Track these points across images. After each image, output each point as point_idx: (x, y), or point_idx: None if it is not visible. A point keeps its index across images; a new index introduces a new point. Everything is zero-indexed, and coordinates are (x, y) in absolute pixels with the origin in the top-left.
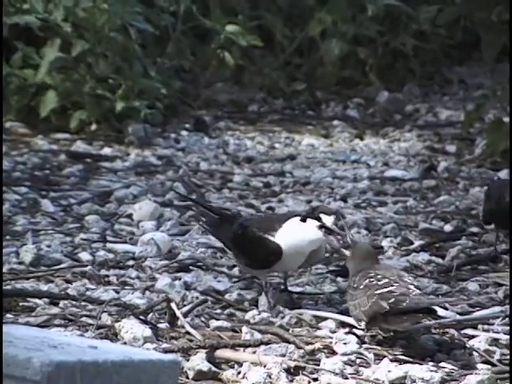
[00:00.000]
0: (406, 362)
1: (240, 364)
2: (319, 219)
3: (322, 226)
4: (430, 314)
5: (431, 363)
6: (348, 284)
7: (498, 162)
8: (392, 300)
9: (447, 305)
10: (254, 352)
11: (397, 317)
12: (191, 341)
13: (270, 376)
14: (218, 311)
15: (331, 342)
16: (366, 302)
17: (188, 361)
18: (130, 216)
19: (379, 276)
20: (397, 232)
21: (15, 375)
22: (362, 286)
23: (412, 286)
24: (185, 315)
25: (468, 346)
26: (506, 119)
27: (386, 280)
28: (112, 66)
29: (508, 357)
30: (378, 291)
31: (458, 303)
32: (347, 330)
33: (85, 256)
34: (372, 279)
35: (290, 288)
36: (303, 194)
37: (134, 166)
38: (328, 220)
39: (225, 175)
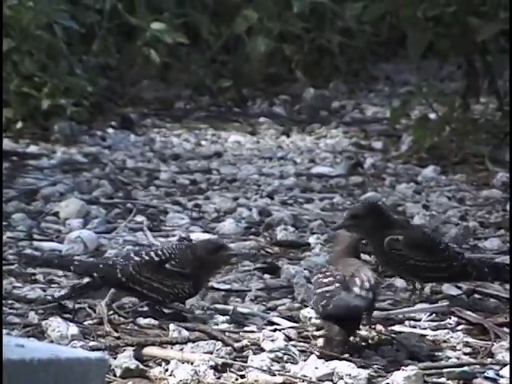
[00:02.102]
0: (333, 358)
1: (167, 361)
2: None
3: None
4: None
5: (358, 359)
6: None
7: (423, 158)
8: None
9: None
10: (182, 349)
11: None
12: (118, 338)
13: (197, 373)
14: (145, 309)
15: (258, 339)
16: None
17: (115, 358)
18: (56, 214)
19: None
20: (323, 229)
21: None
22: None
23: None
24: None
25: (395, 342)
26: (432, 116)
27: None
28: (38, 63)
29: (435, 353)
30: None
31: (385, 299)
32: (274, 327)
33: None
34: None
35: (217, 285)
36: (230, 191)
37: (60, 164)
38: None
39: (151, 173)
